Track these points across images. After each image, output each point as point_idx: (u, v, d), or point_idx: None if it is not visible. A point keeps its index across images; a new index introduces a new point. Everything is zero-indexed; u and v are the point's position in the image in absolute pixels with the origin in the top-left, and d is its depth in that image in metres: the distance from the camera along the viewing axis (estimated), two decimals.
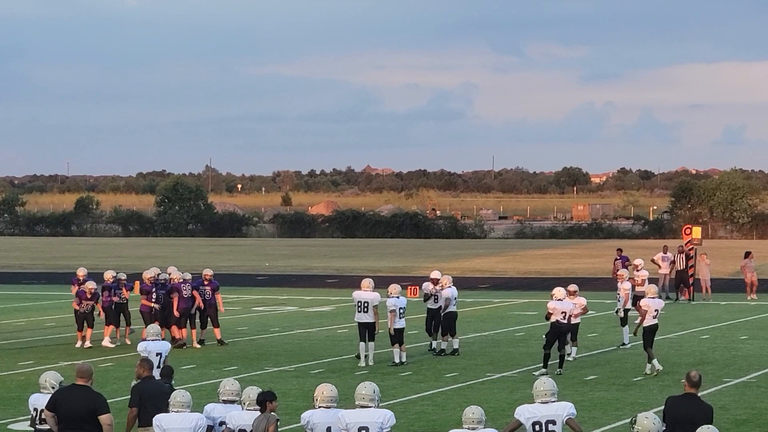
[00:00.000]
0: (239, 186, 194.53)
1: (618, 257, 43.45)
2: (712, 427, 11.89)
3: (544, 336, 25.96)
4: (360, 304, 26.33)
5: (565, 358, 25.58)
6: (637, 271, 32.35)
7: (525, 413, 13.05)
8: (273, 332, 32.86)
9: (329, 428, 13.11)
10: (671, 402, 13.78)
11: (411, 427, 19.21)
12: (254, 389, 13.61)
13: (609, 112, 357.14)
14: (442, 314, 27.88)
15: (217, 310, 30.40)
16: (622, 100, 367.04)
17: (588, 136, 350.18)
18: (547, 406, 13.06)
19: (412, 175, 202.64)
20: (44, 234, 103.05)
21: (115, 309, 30.37)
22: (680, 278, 42.75)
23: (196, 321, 30.27)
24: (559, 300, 25.31)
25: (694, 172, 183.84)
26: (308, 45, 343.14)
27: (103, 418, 13.70)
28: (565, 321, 25.28)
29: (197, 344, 29.77)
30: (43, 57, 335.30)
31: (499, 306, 40.71)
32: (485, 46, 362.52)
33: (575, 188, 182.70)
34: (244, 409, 13.52)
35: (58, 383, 14.15)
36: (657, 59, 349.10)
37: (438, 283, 28.00)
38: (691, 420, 12.99)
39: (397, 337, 26.26)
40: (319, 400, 13.28)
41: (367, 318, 26.20)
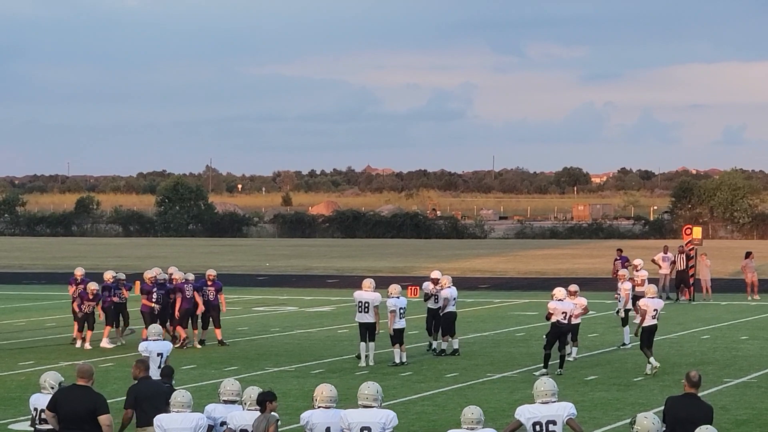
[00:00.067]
0: (239, 186, 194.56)
1: (618, 257, 43.42)
2: (711, 427, 11.89)
3: (544, 336, 25.96)
4: (361, 305, 26.33)
5: (566, 358, 25.57)
6: (636, 271, 32.32)
7: (525, 413, 13.05)
8: (273, 332, 32.85)
9: (328, 428, 13.12)
10: (671, 402, 13.78)
11: (411, 428, 19.20)
12: (255, 389, 13.61)
13: (609, 112, 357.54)
14: (441, 314, 27.87)
15: (220, 310, 30.37)
16: (622, 100, 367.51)
17: (588, 136, 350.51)
18: (547, 406, 13.06)
19: (412, 175, 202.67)
20: (44, 234, 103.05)
21: (115, 309, 30.34)
22: (680, 278, 42.74)
23: (198, 321, 30.25)
24: (560, 300, 25.31)
25: (694, 172, 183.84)
26: (308, 45, 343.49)
27: (103, 419, 13.70)
28: (566, 321, 25.27)
29: (198, 344, 29.76)
30: (43, 57, 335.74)
31: (499, 306, 40.70)
32: (485, 46, 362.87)
33: (575, 188, 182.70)
34: (245, 409, 13.53)
35: (58, 383, 14.15)
36: (657, 59, 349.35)
37: (438, 283, 27.99)
38: (691, 420, 12.99)
39: (398, 337, 26.26)
40: (318, 401, 13.28)
41: (368, 318, 26.19)
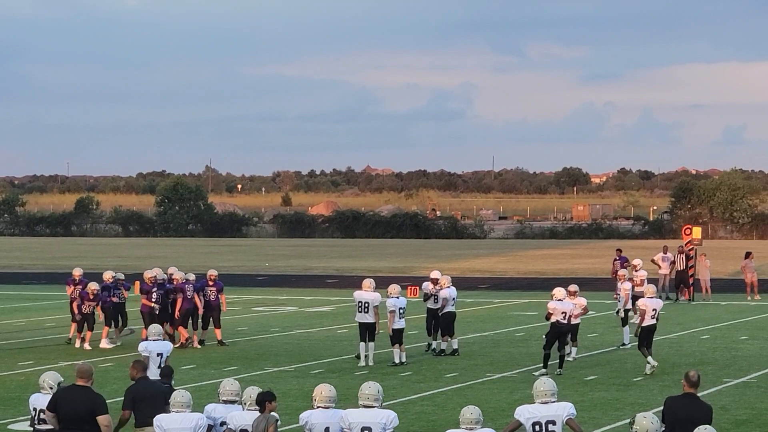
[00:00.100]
0: (239, 186, 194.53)
1: (617, 257, 43.42)
2: (710, 427, 11.89)
3: (544, 336, 25.95)
4: (361, 305, 26.33)
5: (565, 358, 25.57)
6: (635, 271, 32.33)
7: (525, 413, 13.05)
8: (273, 332, 32.85)
9: (327, 428, 13.12)
10: (670, 402, 13.78)
11: (411, 428, 19.20)
12: (255, 389, 13.60)
13: (609, 112, 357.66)
14: (440, 314, 27.87)
15: (221, 310, 30.35)
16: (622, 100, 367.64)
17: (588, 137, 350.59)
18: (547, 406, 13.06)
19: (412, 175, 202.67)
20: (44, 234, 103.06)
21: (114, 309, 30.34)
22: (680, 278, 42.74)
23: (199, 322, 30.24)
24: (560, 300, 25.31)
25: (694, 172, 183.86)
26: (308, 45, 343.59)
27: (101, 419, 13.69)
28: (565, 321, 25.26)
29: (197, 344, 29.76)
30: (43, 57, 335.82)
31: (499, 306, 40.70)
32: (485, 46, 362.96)
33: (575, 188, 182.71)
34: (245, 409, 13.52)
35: (57, 384, 14.13)
36: (657, 59, 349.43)
37: (437, 283, 27.99)
38: (691, 420, 12.99)
39: (397, 337, 26.26)
40: (317, 401, 13.28)
41: (368, 318, 26.20)
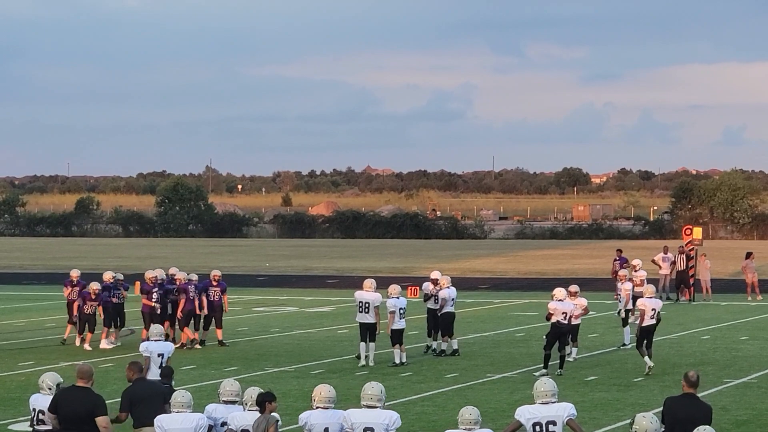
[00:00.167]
0: (239, 186, 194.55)
1: (617, 258, 43.42)
2: (710, 427, 11.88)
3: (544, 336, 25.95)
4: (362, 305, 26.33)
5: (566, 358, 25.57)
6: (635, 271, 32.33)
7: (525, 414, 13.04)
8: (273, 333, 32.85)
9: (327, 429, 13.11)
10: (670, 402, 13.78)
11: (411, 428, 19.20)
12: (256, 390, 13.60)
13: (609, 112, 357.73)
14: (439, 315, 27.87)
15: (223, 311, 30.33)
16: (622, 100, 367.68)
17: (588, 137, 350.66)
18: (547, 406, 13.05)
19: (412, 175, 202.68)
20: (45, 234, 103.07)
21: (113, 310, 30.33)
22: (681, 279, 42.74)
23: (200, 322, 30.22)
24: (560, 300, 25.30)
25: (694, 172, 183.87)
26: (308, 45, 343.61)
27: (100, 420, 13.67)
28: (566, 322, 25.26)
29: (198, 345, 29.74)
30: (43, 57, 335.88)
31: (499, 306, 40.70)
32: (485, 47, 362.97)
33: (575, 189, 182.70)
34: (246, 409, 13.52)
35: (56, 384, 14.12)
36: (657, 59, 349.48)
37: (437, 283, 27.98)
38: (690, 420, 12.98)
39: (397, 337, 26.25)
40: (316, 401, 13.27)
41: (369, 318, 26.19)
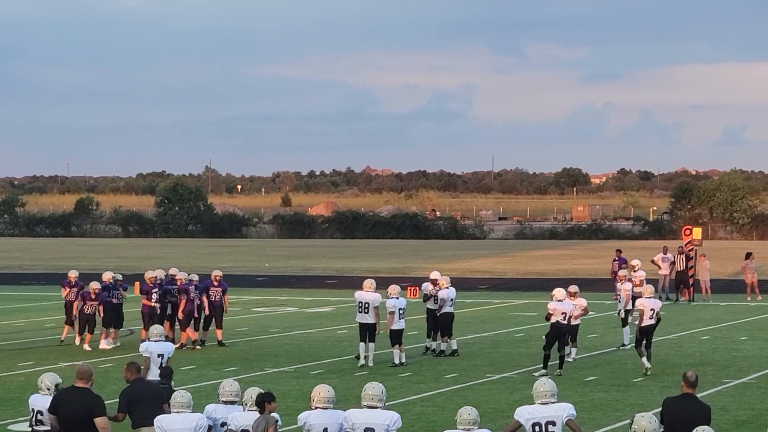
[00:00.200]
0: (239, 187, 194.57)
1: (617, 258, 43.42)
2: (708, 428, 11.88)
3: (544, 337, 25.95)
4: (361, 305, 26.33)
5: (565, 359, 25.57)
6: (634, 271, 32.36)
7: (525, 414, 13.05)
8: (273, 333, 32.85)
9: (326, 429, 13.11)
10: (669, 403, 13.79)
11: (411, 428, 19.19)
12: (256, 390, 13.60)
13: (609, 112, 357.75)
14: (438, 315, 27.87)
15: (223, 311, 30.33)
16: (622, 100, 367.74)
17: (588, 137, 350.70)
18: (546, 407, 13.06)
19: (411, 175, 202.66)
20: (44, 235, 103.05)
21: (112, 310, 30.31)
22: (680, 279, 42.74)
23: (201, 322, 30.21)
24: (560, 301, 25.31)
25: (694, 172, 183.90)
26: (308, 45, 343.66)
27: (98, 421, 13.67)
28: (565, 322, 25.26)
29: (198, 345, 29.73)
30: (43, 57, 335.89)
31: (499, 307, 40.70)
32: (485, 47, 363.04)
33: (575, 189, 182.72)
34: (246, 409, 13.52)
35: (54, 385, 14.11)
36: (657, 59, 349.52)
37: (437, 283, 27.98)
38: (689, 420, 12.99)
39: (397, 338, 26.26)
40: (315, 401, 13.27)
41: (368, 319, 26.20)
